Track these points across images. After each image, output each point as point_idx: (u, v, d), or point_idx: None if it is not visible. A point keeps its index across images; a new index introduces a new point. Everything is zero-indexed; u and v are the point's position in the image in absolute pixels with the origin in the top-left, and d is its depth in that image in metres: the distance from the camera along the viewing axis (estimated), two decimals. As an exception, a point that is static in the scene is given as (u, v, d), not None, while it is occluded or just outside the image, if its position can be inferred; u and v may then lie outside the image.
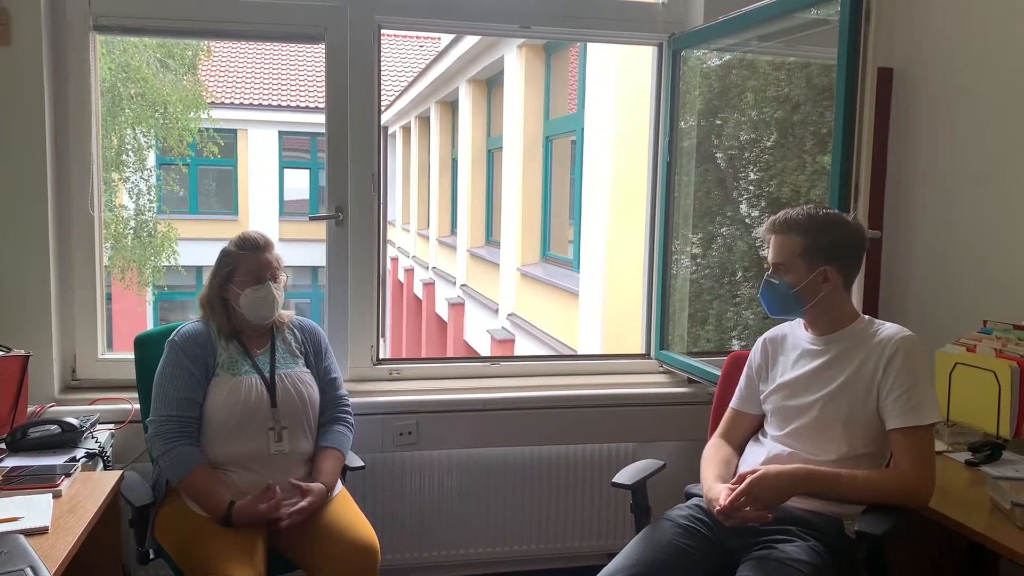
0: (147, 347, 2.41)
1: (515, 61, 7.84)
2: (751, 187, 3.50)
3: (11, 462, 2.12)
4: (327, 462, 2.32)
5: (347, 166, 2.90)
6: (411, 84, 12.70)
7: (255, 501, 2.12)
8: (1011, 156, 2.54)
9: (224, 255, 2.35)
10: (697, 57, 3.16)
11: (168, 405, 2.21)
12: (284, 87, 15.03)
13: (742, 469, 2.07)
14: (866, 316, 2.09)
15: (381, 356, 3.04)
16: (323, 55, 2.88)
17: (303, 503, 2.16)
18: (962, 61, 2.73)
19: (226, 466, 2.21)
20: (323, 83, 2.91)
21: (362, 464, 2.46)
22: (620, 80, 5.64)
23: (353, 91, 2.88)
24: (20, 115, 2.61)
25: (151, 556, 2.21)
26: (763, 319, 3.09)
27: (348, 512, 2.27)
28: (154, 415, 2.23)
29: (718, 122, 3.41)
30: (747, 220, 3.48)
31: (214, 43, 11.19)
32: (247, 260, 2.31)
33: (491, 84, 9.59)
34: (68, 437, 2.29)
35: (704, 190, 3.33)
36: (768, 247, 2.10)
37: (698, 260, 3.48)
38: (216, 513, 2.12)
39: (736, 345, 3.56)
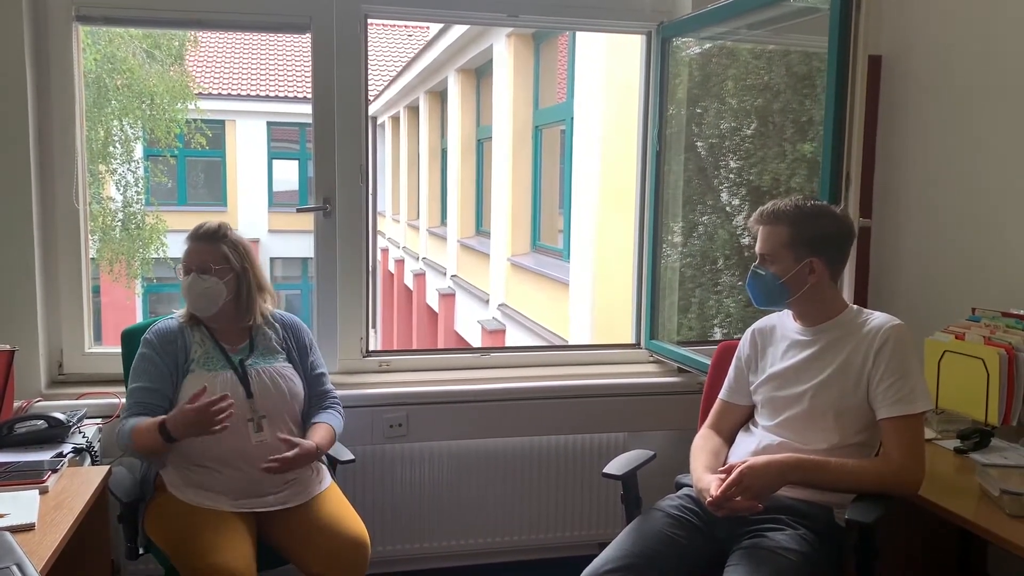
0: (134, 340, 2.38)
1: (504, 50, 7.81)
2: (731, 175, 3.50)
3: (-3, 458, 2.10)
4: (318, 431, 2.31)
5: (334, 157, 2.88)
6: (400, 74, 12.64)
7: (183, 407, 2.08)
8: (1000, 143, 2.54)
9: None
10: (677, 46, 3.15)
11: (131, 397, 2.22)
12: (272, 77, 14.94)
13: (733, 459, 2.08)
14: (854, 306, 2.09)
15: (371, 348, 3.02)
16: (310, 45, 2.85)
17: (289, 453, 2.14)
18: (951, 48, 2.73)
19: (210, 465, 2.19)
20: (311, 73, 2.89)
21: (352, 458, 2.44)
22: (609, 69, 5.63)
23: (340, 81, 2.85)
24: (2, 107, 2.57)
25: (140, 551, 2.20)
26: (744, 307, 3.10)
27: (338, 506, 2.26)
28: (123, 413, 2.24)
29: (698, 111, 3.41)
30: (728, 208, 3.48)
31: (200, 33, 11.10)
32: (185, 250, 2.30)
33: (480, 73, 9.55)
34: (55, 432, 2.27)
35: (685, 178, 3.33)
36: (754, 238, 2.10)
37: (679, 249, 3.48)
38: (156, 439, 2.09)
39: (718, 333, 3.57)
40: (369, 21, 2.91)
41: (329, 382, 2.49)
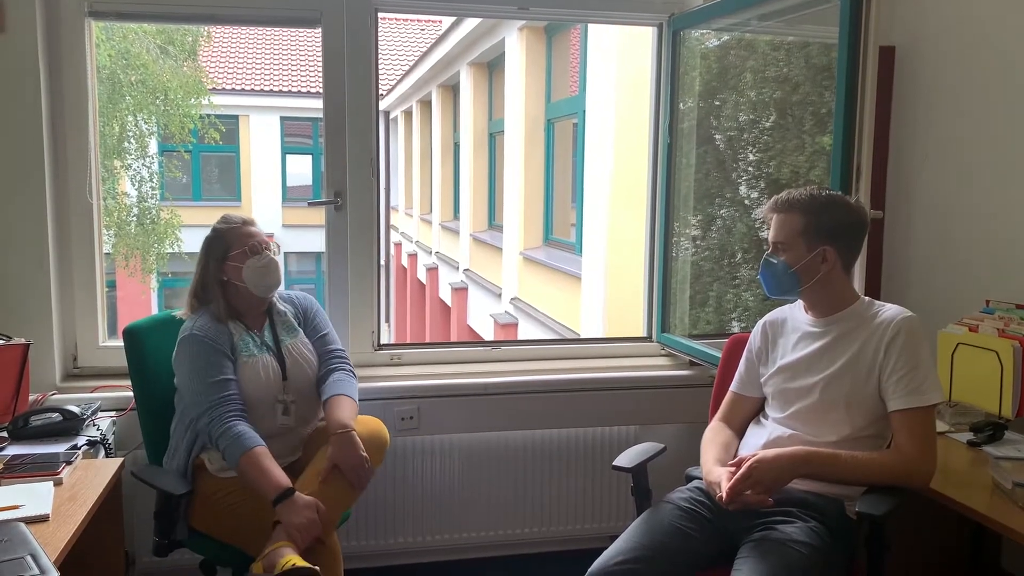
0: (136, 337, 2.34)
1: (516, 44, 7.79)
2: (750, 168, 3.48)
3: (12, 450, 2.13)
4: (337, 407, 2.27)
5: (345, 151, 2.89)
6: (412, 68, 12.65)
7: (311, 509, 2.06)
8: (1014, 134, 2.52)
9: (212, 239, 2.35)
10: (696, 38, 3.14)
11: (207, 394, 2.16)
12: (285, 72, 14.99)
13: (743, 451, 2.08)
14: (866, 298, 2.08)
15: (383, 341, 3.03)
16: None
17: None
18: (964, 39, 2.70)
19: None
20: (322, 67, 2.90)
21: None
22: (621, 61, 5.61)
23: (351, 76, 2.86)
24: (16, 103, 2.60)
25: (168, 545, 2.17)
26: (763, 301, 3.09)
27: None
28: (198, 411, 2.17)
29: (717, 103, 3.39)
30: (746, 202, 3.46)
31: (213, 28, 11.14)
32: (238, 234, 2.32)
33: (492, 67, 9.54)
34: (69, 425, 2.29)
35: (703, 172, 3.31)
36: (769, 227, 2.09)
37: (698, 242, 3.47)
38: (265, 491, 2.06)
39: (736, 327, 3.55)
40: (380, 15, 2.91)
41: (336, 341, 2.49)
